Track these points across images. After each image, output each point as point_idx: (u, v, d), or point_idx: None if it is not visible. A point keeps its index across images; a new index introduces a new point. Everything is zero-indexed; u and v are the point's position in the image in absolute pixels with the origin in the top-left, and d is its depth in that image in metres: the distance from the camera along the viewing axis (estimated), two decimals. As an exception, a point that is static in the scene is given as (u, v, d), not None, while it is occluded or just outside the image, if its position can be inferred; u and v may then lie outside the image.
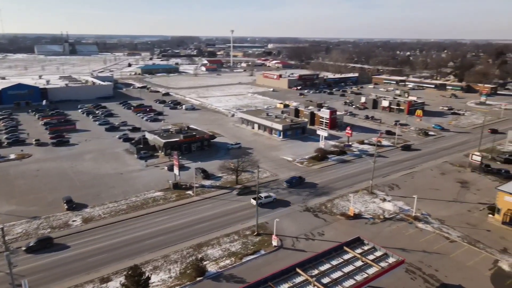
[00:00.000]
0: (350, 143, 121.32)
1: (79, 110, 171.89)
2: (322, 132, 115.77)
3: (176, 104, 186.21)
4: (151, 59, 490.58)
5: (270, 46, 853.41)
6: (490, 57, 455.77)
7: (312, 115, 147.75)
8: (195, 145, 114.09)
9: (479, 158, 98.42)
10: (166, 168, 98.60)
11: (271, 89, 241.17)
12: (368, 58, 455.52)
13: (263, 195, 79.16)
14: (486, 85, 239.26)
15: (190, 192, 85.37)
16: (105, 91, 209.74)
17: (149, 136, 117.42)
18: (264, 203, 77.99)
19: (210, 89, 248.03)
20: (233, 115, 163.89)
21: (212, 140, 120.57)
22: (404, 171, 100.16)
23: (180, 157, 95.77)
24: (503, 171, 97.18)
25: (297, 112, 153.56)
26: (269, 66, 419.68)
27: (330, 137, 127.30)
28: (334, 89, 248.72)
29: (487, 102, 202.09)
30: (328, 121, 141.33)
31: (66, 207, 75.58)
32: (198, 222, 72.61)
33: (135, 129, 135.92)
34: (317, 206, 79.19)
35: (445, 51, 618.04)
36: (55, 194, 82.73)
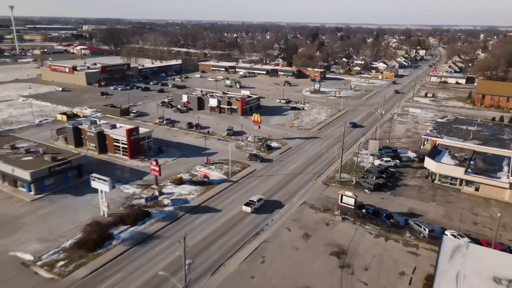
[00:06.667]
0: (157, 194, 71.29)
1: None
2: (101, 186, 62.18)
3: None
4: None
5: (85, 27, 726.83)
6: (308, 38, 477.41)
7: (101, 137, 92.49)
8: None
9: (352, 201, 63.50)
10: None
11: (60, 89, 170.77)
12: (195, 41, 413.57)
13: (255, 199, 67.72)
14: (315, 69, 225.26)
15: None
16: None
17: None
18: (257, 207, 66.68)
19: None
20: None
21: None
22: (249, 245, 57.46)
23: None
24: (383, 215, 64.82)
25: (78, 134, 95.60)
26: (73, 53, 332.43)
27: (129, 177, 76.34)
28: (152, 82, 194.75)
29: (321, 89, 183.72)
30: (126, 146, 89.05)
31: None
32: None
33: None
34: None
35: (268, 33, 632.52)
36: None
